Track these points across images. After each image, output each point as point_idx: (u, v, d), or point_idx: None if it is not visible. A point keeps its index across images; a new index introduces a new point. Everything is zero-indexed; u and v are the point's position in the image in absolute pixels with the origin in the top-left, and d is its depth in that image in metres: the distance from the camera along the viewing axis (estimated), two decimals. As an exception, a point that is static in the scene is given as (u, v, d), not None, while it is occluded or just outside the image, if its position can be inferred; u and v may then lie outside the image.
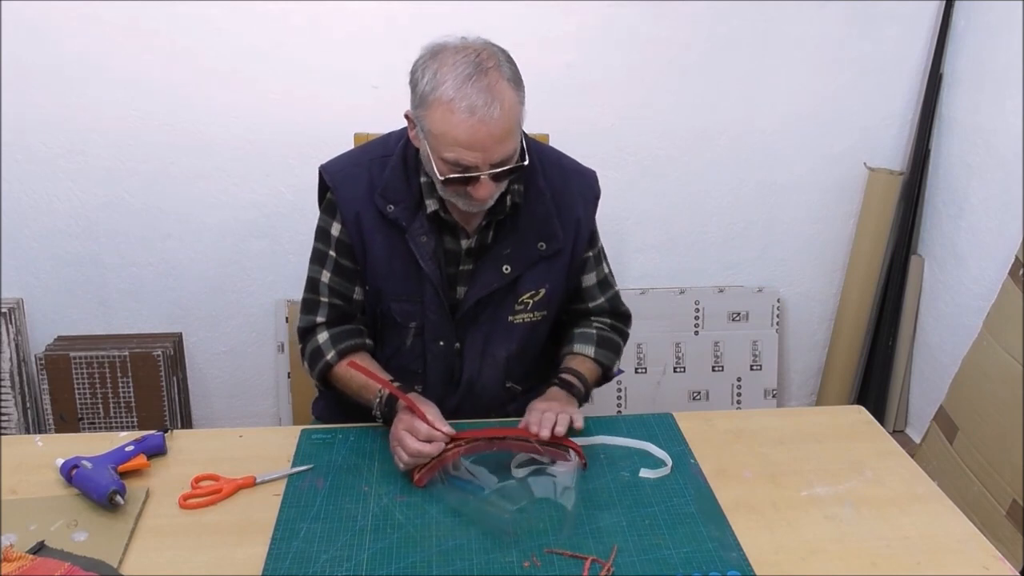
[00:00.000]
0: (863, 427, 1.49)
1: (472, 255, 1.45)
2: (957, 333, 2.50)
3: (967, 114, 2.47)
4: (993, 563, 1.14)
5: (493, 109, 1.22)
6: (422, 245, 1.40)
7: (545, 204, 1.44)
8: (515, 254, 1.43)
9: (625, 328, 1.62)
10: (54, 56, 2.28)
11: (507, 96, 1.24)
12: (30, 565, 1.08)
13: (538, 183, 1.44)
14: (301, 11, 2.31)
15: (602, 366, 1.54)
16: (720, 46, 2.47)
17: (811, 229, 2.72)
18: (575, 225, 1.48)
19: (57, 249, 2.47)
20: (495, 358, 1.50)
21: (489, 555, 1.14)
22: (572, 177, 1.50)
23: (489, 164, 1.26)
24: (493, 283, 1.43)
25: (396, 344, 1.50)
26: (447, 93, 1.22)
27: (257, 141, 2.42)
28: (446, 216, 1.41)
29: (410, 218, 1.40)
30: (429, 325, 1.46)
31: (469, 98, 1.21)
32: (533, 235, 1.44)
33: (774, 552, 1.15)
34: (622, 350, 1.60)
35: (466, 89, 1.21)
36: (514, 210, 1.42)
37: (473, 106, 1.21)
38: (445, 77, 1.23)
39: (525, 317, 1.48)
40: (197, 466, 1.32)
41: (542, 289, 1.47)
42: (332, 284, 1.48)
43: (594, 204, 1.53)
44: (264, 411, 2.72)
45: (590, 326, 1.57)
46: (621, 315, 1.61)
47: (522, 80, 1.29)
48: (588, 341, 1.54)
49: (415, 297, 1.45)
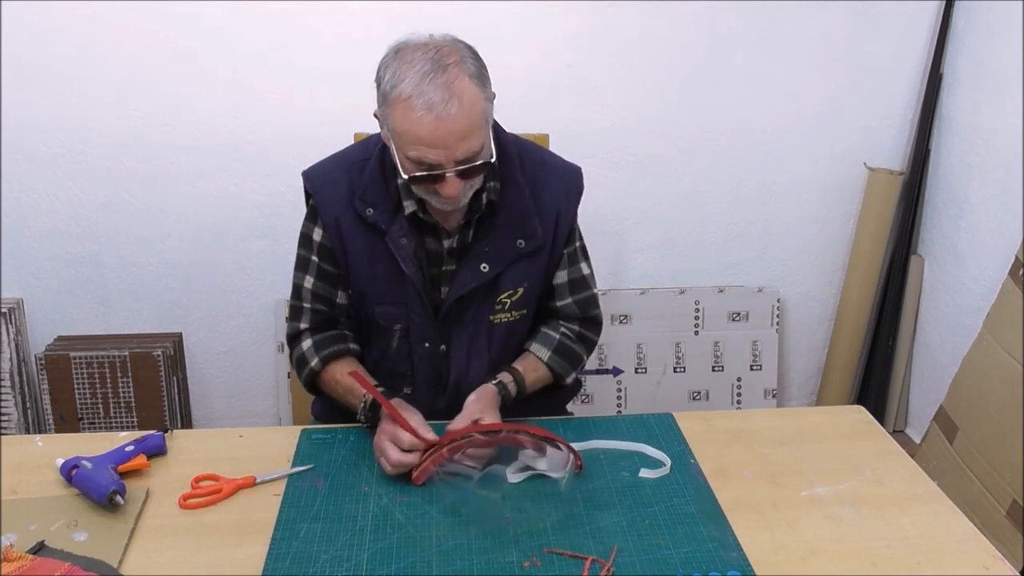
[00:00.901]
0: (863, 427, 1.48)
1: (454, 255, 1.44)
2: (957, 333, 2.49)
3: (967, 114, 2.47)
4: (993, 563, 1.14)
5: (450, 106, 1.21)
6: (402, 247, 1.40)
7: (524, 201, 1.43)
8: (494, 252, 1.42)
9: (593, 336, 1.58)
10: (54, 56, 2.28)
11: (467, 93, 1.23)
12: (30, 565, 1.08)
13: (517, 179, 1.43)
14: (301, 11, 2.31)
15: (553, 373, 1.51)
16: (720, 46, 2.47)
17: (811, 229, 2.72)
18: (555, 220, 1.46)
19: (57, 249, 2.47)
20: (481, 359, 1.49)
21: (489, 555, 1.14)
22: (553, 173, 1.49)
23: (453, 161, 1.25)
24: (471, 282, 1.42)
25: (382, 347, 1.50)
26: (405, 90, 1.22)
27: (257, 141, 2.42)
28: (425, 217, 1.40)
29: (389, 220, 1.40)
30: (414, 327, 1.46)
31: (426, 95, 1.20)
32: (511, 232, 1.43)
33: (774, 552, 1.15)
34: (583, 361, 1.57)
35: (423, 86, 1.21)
36: (491, 208, 1.42)
37: (430, 103, 1.20)
38: (404, 75, 1.22)
39: (504, 317, 1.47)
40: (197, 466, 1.32)
41: (520, 288, 1.46)
42: (315, 290, 1.48)
43: (576, 200, 1.51)
44: (264, 411, 2.72)
45: (556, 330, 1.54)
46: (590, 320, 1.56)
47: (487, 77, 1.28)
48: (547, 344, 1.51)
49: (398, 299, 1.44)
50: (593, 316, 1.57)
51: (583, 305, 1.54)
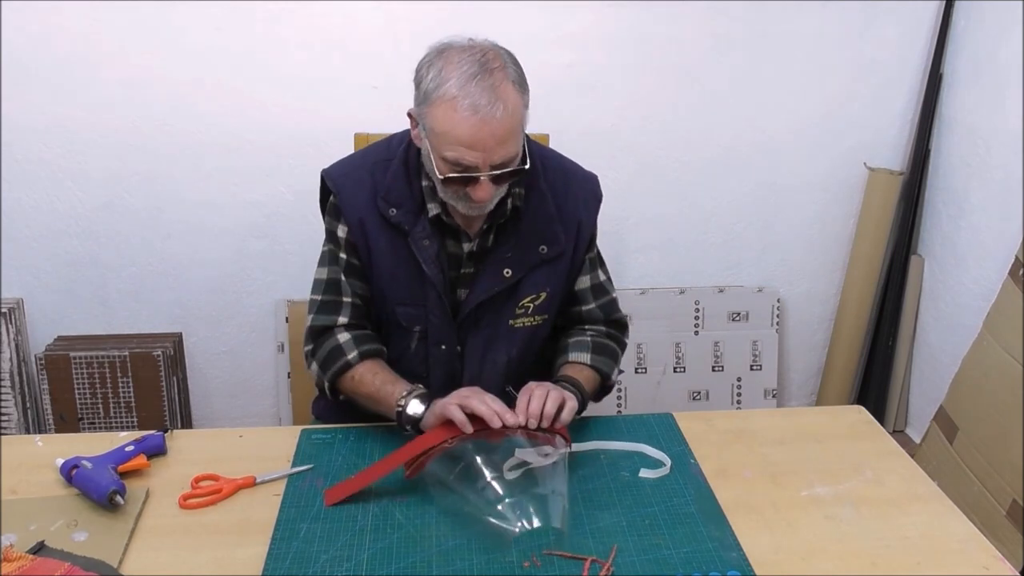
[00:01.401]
0: (863, 427, 1.48)
1: (474, 258, 1.44)
2: (957, 333, 2.49)
3: (967, 114, 2.47)
4: (993, 563, 1.14)
5: (496, 109, 1.21)
6: (425, 249, 1.40)
7: (547, 207, 1.44)
8: (516, 257, 1.43)
9: (621, 336, 1.58)
10: (54, 56, 2.28)
11: (511, 98, 1.24)
12: (30, 565, 1.08)
13: (540, 186, 1.44)
14: (301, 11, 2.31)
15: (600, 373, 1.49)
16: (720, 46, 2.47)
17: (811, 229, 2.72)
18: (577, 228, 1.47)
19: (57, 249, 2.47)
20: (495, 363, 1.49)
21: (489, 555, 1.14)
22: (574, 180, 1.50)
23: (489, 165, 1.26)
24: (494, 287, 1.43)
25: (401, 348, 1.50)
26: (451, 91, 1.22)
27: (257, 141, 2.42)
28: (448, 220, 1.41)
29: (413, 222, 1.40)
30: (432, 329, 1.46)
31: (472, 96, 1.21)
32: (534, 238, 1.43)
33: (774, 552, 1.15)
34: (620, 357, 1.56)
35: (470, 87, 1.21)
36: (515, 213, 1.42)
37: (476, 105, 1.21)
38: (450, 75, 1.23)
39: (526, 321, 1.48)
40: (197, 466, 1.32)
41: (543, 293, 1.46)
42: (351, 285, 1.47)
43: (596, 207, 1.52)
44: (264, 411, 2.72)
45: (584, 333, 1.53)
46: (616, 323, 1.57)
47: (527, 84, 1.29)
48: (583, 348, 1.50)
49: (418, 301, 1.44)
50: (618, 319, 1.57)
51: (607, 309, 1.55)
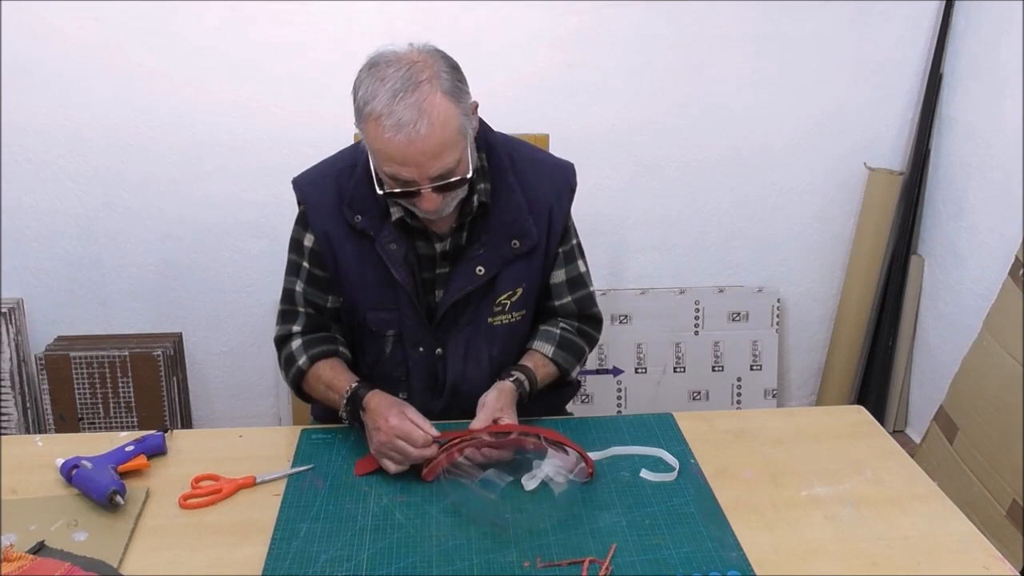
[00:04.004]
0: (863, 427, 1.48)
1: (448, 258, 1.44)
2: (957, 333, 2.49)
3: (967, 114, 2.47)
4: (993, 563, 1.14)
5: (420, 125, 1.19)
6: (391, 253, 1.39)
7: (516, 201, 1.42)
8: (488, 254, 1.42)
9: (593, 332, 1.57)
10: (54, 56, 2.28)
11: (439, 110, 1.21)
12: (30, 565, 1.08)
13: (507, 180, 1.43)
14: (301, 11, 2.31)
15: (560, 368, 1.50)
16: (720, 46, 2.47)
17: (811, 229, 2.72)
18: (548, 216, 1.45)
19: (57, 249, 2.47)
20: (479, 361, 1.48)
21: (489, 555, 1.14)
22: (544, 170, 1.48)
23: (427, 179, 1.25)
24: (467, 285, 1.42)
25: (376, 353, 1.50)
26: (376, 108, 1.21)
27: (257, 141, 2.42)
28: (413, 222, 1.40)
29: (378, 227, 1.39)
30: (407, 332, 1.46)
31: (396, 115, 1.20)
32: (505, 233, 1.42)
33: (774, 552, 1.15)
34: (586, 355, 1.56)
35: (393, 106, 1.20)
36: (483, 210, 1.41)
37: (400, 123, 1.20)
38: (376, 92, 1.22)
39: (504, 319, 1.47)
40: (197, 466, 1.32)
41: (519, 289, 1.46)
42: (307, 295, 1.48)
43: (569, 196, 1.50)
44: (264, 411, 2.72)
45: (555, 326, 1.53)
46: (589, 318, 1.56)
47: (464, 90, 1.26)
48: (549, 340, 1.50)
49: (390, 305, 1.44)
50: (592, 314, 1.56)
51: (581, 303, 1.54)
